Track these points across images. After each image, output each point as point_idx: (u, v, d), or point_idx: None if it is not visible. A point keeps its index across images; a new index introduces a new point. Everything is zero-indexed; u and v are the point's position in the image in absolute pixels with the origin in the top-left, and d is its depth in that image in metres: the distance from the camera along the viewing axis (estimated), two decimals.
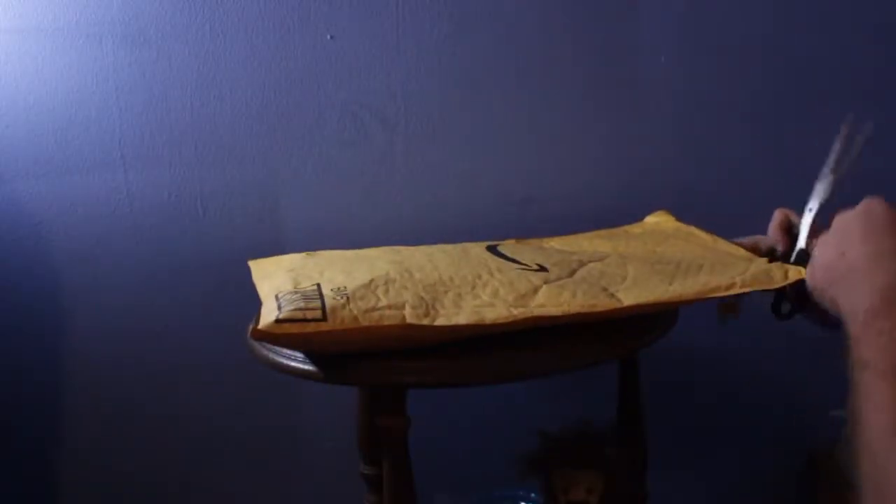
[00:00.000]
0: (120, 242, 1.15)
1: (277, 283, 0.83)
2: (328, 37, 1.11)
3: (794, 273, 0.77)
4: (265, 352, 0.80)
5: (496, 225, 1.08)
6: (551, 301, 0.75)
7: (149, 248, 1.15)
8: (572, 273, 0.82)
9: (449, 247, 0.93)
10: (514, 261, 0.85)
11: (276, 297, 0.76)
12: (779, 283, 0.77)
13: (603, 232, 1.01)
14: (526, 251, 0.90)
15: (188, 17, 1.09)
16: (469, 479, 1.15)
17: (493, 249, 0.89)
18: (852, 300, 0.62)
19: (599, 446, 0.96)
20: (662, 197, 1.14)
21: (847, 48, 1.12)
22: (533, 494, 1.09)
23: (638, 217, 1.05)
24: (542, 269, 0.82)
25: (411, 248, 0.94)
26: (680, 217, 1.03)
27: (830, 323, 0.67)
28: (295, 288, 0.79)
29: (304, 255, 0.98)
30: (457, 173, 1.14)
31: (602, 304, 0.74)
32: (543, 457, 0.97)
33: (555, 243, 0.98)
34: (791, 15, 1.11)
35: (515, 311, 0.73)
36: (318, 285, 0.79)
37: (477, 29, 1.11)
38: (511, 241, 1.00)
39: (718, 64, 1.12)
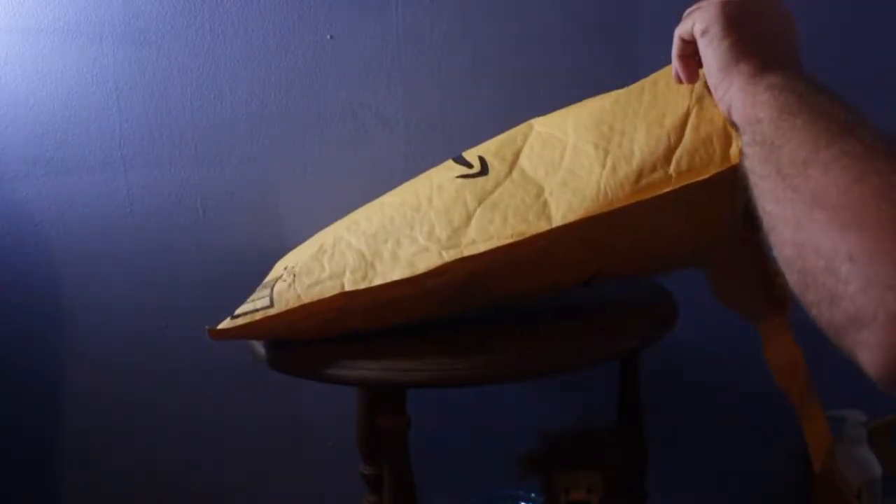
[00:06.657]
0: (120, 242, 1.15)
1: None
2: (328, 37, 1.11)
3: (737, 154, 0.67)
4: (265, 351, 0.81)
5: None
6: (481, 233, 0.75)
7: (149, 248, 1.15)
8: (511, 169, 0.79)
9: (416, 179, 0.90)
10: (464, 162, 0.83)
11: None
12: (714, 168, 0.70)
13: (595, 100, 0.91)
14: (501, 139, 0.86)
15: (188, 17, 1.09)
16: (469, 479, 1.15)
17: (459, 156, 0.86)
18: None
19: (599, 446, 0.96)
20: None
21: (847, 47, 1.12)
22: (533, 494, 1.09)
23: None
24: (483, 170, 0.80)
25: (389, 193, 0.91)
26: None
27: None
28: (269, 279, 0.83)
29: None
30: None
31: (531, 228, 0.73)
32: (543, 457, 0.97)
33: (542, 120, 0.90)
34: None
35: (446, 255, 0.74)
36: (286, 269, 0.81)
37: (477, 29, 1.11)
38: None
39: None
